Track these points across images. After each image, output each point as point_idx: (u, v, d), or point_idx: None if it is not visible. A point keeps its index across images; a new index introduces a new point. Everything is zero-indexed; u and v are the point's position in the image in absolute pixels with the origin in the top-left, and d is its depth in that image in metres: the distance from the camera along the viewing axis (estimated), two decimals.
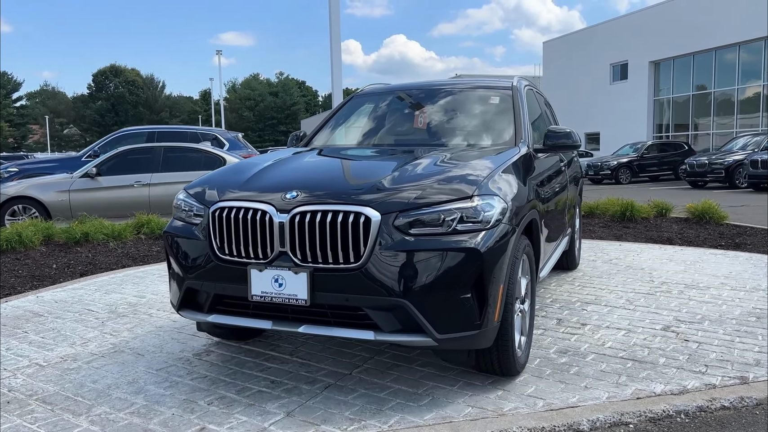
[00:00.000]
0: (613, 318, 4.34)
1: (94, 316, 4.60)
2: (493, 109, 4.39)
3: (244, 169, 3.48)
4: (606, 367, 3.40)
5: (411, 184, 2.95)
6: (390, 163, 3.37)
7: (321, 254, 2.80)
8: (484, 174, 3.07)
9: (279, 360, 3.56)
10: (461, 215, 2.80)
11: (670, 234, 8.04)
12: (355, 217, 2.77)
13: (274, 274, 2.86)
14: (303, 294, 2.81)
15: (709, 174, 19.67)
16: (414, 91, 4.83)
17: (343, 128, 4.72)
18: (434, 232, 2.77)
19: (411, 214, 2.79)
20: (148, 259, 6.98)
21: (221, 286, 3.02)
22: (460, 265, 2.73)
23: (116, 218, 8.85)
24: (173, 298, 3.31)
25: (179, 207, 3.36)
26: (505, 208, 2.96)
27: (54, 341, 4.01)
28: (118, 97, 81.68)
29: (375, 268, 2.73)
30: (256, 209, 2.92)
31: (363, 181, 3.02)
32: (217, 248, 3.02)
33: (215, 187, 3.24)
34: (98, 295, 5.28)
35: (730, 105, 28.35)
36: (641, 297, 4.91)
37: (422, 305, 2.72)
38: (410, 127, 4.49)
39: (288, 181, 3.13)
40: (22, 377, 3.39)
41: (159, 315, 4.61)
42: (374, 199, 2.83)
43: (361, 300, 2.76)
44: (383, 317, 2.77)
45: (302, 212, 2.84)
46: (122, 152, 10.01)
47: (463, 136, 4.21)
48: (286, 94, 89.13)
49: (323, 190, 2.95)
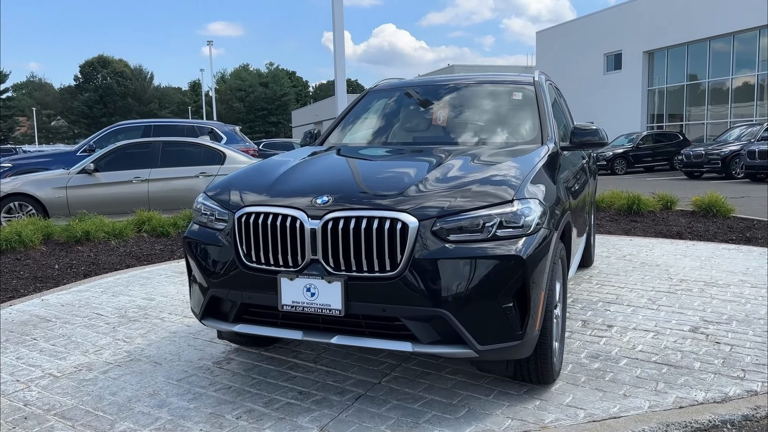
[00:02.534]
0: (638, 319, 4.25)
1: (104, 321, 4.46)
2: (515, 106, 4.27)
3: (267, 170, 3.35)
4: (641, 372, 3.31)
5: (447, 189, 2.83)
6: (420, 165, 3.25)
7: (355, 262, 2.68)
8: (520, 176, 2.96)
9: (303, 368, 3.44)
10: (501, 220, 2.69)
11: (679, 228, 7.98)
12: (392, 224, 2.65)
13: (306, 283, 2.73)
14: (337, 304, 2.69)
15: (705, 165, 19.69)
16: (431, 87, 4.70)
17: (359, 126, 4.58)
18: (474, 239, 2.66)
19: (449, 220, 2.67)
20: (152, 258, 6.82)
21: (248, 294, 2.89)
22: (502, 273, 2.62)
23: (115, 215, 8.68)
24: (195, 306, 3.18)
25: (199, 211, 3.22)
26: (545, 212, 2.84)
27: (66, 349, 3.87)
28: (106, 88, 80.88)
29: (413, 277, 2.61)
30: (285, 215, 2.79)
31: (396, 184, 2.90)
32: (243, 255, 2.89)
33: (239, 191, 3.10)
34: (105, 297, 5.14)
35: (724, 95, 28.38)
36: (662, 296, 4.83)
37: (463, 315, 2.61)
38: (429, 125, 4.36)
39: (317, 185, 3.00)
40: (37, 389, 3.25)
41: (171, 319, 4.47)
42: (410, 204, 2.71)
43: (399, 310, 2.64)
44: (421, 328, 2.66)
45: (335, 218, 2.71)
46: (120, 147, 9.80)
47: (485, 134, 4.08)
48: (277, 84, 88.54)
49: (356, 195, 2.83)
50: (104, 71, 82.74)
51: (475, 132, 4.12)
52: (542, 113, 4.04)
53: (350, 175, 3.20)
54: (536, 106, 4.12)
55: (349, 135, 4.48)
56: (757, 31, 25.91)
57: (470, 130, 4.16)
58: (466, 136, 4.09)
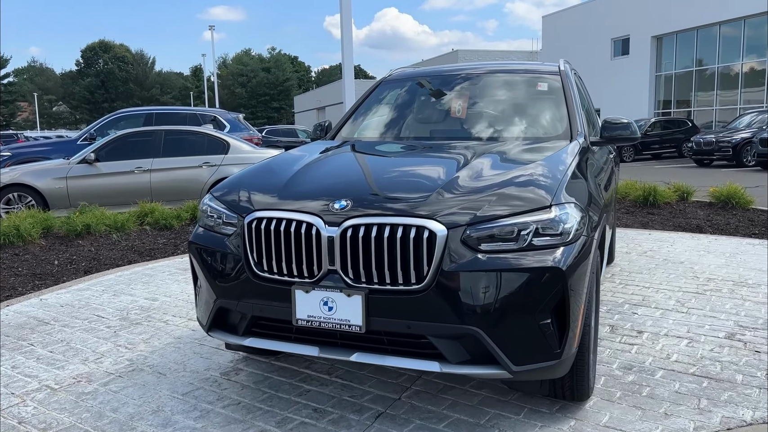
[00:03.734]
0: (668, 324, 4.02)
1: (105, 324, 4.24)
2: (540, 97, 4.00)
3: (277, 170, 3.10)
4: (680, 387, 3.08)
5: (476, 192, 2.58)
6: (445, 165, 3.00)
7: (377, 274, 2.44)
8: (556, 178, 2.71)
9: (317, 381, 3.22)
10: (537, 228, 2.44)
11: (698, 221, 7.72)
12: (418, 232, 2.40)
13: (323, 296, 2.50)
14: (357, 319, 2.46)
15: (716, 152, 19.33)
16: (448, 76, 4.43)
17: (371, 119, 4.32)
18: (507, 249, 2.41)
19: (481, 227, 2.42)
20: (154, 254, 6.60)
21: (259, 306, 2.66)
22: (540, 286, 2.38)
23: (117, 207, 8.45)
24: (201, 316, 2.95)
25: (205, 213, 2.98)
26: (584, 217, 2.60)
27: (64, 356, 3.66)
28: (107, 73, 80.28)
29: (441, 291, 2.38)
30: (300, 221, 2.55)
31: (420, 187, 2.65)
32: (254, 264, 2.66)
33: (248, 192, 2.85)
34: (107, 297, 4.92)
35: (733, 80, 27.94)
36: (691, 297, 4.59)
37: (496, 333, 2.37)
38: (447, 118, 4.10)
39: (334, 187, 2.75)
40: (33, 404, 3.03)
41: (175, 322, 4.25)
42: (437, 210, 2.46)
43: (425, 327, 2.41)
44: (450, 346, 2.42)
45: (355, 225, 2.47)
46: (121, 136, 9.55)
47: (508, 127, 3.83)
48: (279, 69, 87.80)
49: (377, 199, 2.58)
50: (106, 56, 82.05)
51: (497, 126, 3.86)
52: (570, 105, 3.78)
53: (369, 176, 2.95)
54: (563, 98, 3.86)
55: (361, 128, 4.23)
56: (767, 15, 25.40)
57: (492, 123, 3.90)
58: (487, 131, 3.83)
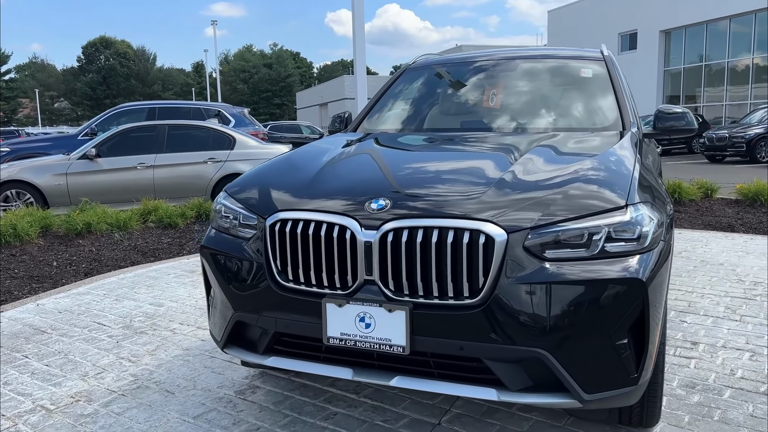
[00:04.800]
0: (723, 333, 3.66)
1: (107, 333, 3.89)
2: (584, 85, 3.64)
3: (301, 165, 2.75)
4: (755, 410, 2.73)
5: (536, 190, 2.22)
6: (493, 159, 2.64)
7: (423, 286, 2.09)
8: (625, 174, 2.35)
9: (344, 401, 2.87)
10: (610, 232, 2.08)
11: (728, 219, 7.36)
12: (472, 237, 2.05)
13: (360, 312, 2.15)
14: (400, 339, 2.10)
15: (729, 148, 18.96)
16: (477, 63, 4.07)
17: (396, 109, 3.96)
18: (577, 256, 2.06)
19: (545, 232, 2.07)
20: (158, 254, 6.25)
21: (284, 322, 2.31)
22: (617, 300, 2.02)
23: (118, 204, 8.11)
24: (216, 331, 2.60)
25: (219, 213, 2.63)
26: (661, 220, 2.24)
27: (62, 370, 3.31)
28: (109, 69, 79.84)
29: (499, 306, 2.02)
30: (332, 224, 2.20)
31: (471, 185, 2.29)
32: (277, 273, 2.30)
33: (269, 191, 2.50)
34: (108, 302, 4.57)
35: (743, 75, 27.52)
36: (741, 303, 4.23)
37: (565, 356, 2.02)
38: (481, 108, 3.73)
39: (368, 184, 2.40)
40: (26, 428, 2.69)
41: (183, 331, 3.90)
42: (494, 211, 2.11)
43: (481, 349, 2.05)
44: (509, 371, 2.07)
45: (396, 229, 2.11)
46: (123, 131, 9.20)
47: (550, 119, 3.46)
48: (281, 65, 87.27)
49: (420, 198, 2.23)
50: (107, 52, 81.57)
51: (538, 116, 3.50)
52: (619, 93, 3.43)
53: (409, 172, 2.58)
54: (610, 85, 3.50)
55: (386, 120, 3.86)
56: None
57: (532, 113, 3.53)
58: (527, 122, 3.46)
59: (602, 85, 3.53)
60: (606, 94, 3.46)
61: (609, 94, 3.45)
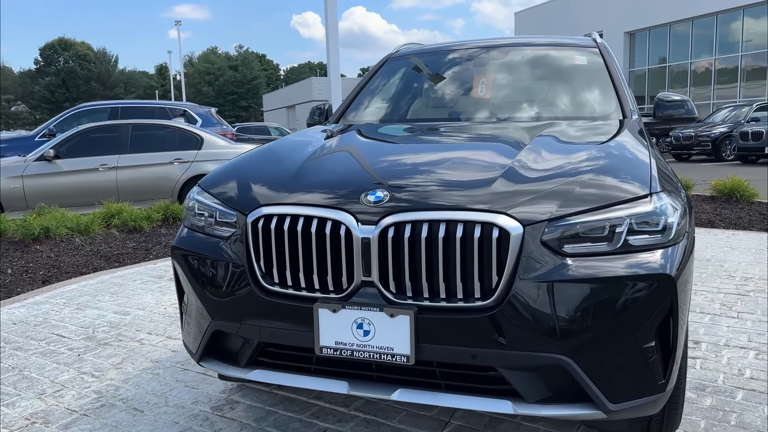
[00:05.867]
0: (724, 331, 3.52)
1: (67, 346, 3.56)
2: (579, 73, 3.46)
3: (282, 155, 2.49)
4: None
5: (548, 179, 2.00)
6: (497, 148, 2.43)
7: (428, 287, 1.86)
8: (644, 161, 2.16)
9: (333, 416, 2.61)
10: (632, 223, 1.88)
11: (707, 215, 7.32)
12: (484, 231, 1.82)
13: (357, 317, 1.90)
14: (403, 347, 1.87)
15: (695, 146, 19.23)
16: (465, 51, 3.86)
17: (380, 100, 3.73)
18: (599, 251, 1.85)
19: (563, 224, 1.85)
20: (123, 259, 5.89)
21: (269, 331, 2.05)
22: (644, 299, 1.82)
23: (80, 207, 7.69)
24: (190, 342, 2.32)
25: (193, 210, 2.35)
26: (685, 210, 2.05)
27: (15, 389, 2.98)
28: (68, 72, 77.68)
29: (516, 308, 1.80)
30: (323, 219, 1.95)
31: (478, 174, 2.07)
32: (260, 275, 2.04)
33: (249, 184, 2.24)
34: (68, 311, 4.22)
35: (706, 76, 28.09)
36: (736, 300, 4.12)
37: (589, 363, 1.81)
38: (469, 98, 3.53)
39: (362, 175, 2.16)
40: None
41: (152, 341, 3.59)
42: (507, 202, 1.88)
43: (496, 356, 1.83)
44: (526, 380, 1.85)
45: (398, 223, 1.87)
46: (83, 131, 8.75)
47: (545, 107, 3.27)
48: (247, 67, 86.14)
49: (423, 189, 1.99)
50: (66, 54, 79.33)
51: (534, 105, 3.31)
52: (617, 81, 3.26)
53: (407, 162, 2.35)
54: (607, 73, 3.33)
55: (370, 111, 3.62)
56: (740, 10, 25.56)
57: (527, 102, 3.34)
58: (522, 111, 3.26)
59: (598, 72, 3.36)
60: (603, 82, 3.29)
61: (606, 82, 3.28)
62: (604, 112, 3.10)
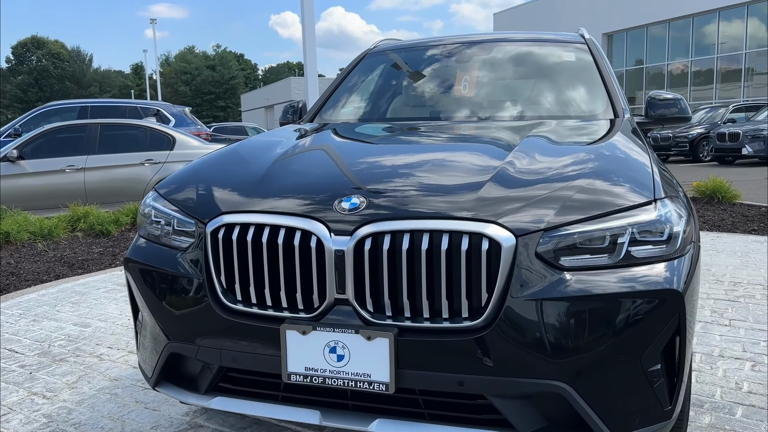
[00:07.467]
0: (717, 341, 3.38)
1: (19, 363, 3.29)
2: (567, 70, 3.30)
3: (247, 158, 2.27)
4: None
5: (540, 184, 1.81)
6: (484, 150, 2.24)
7: (410, 305, 1.66)
8: (644, 164, 1.98)
9: None
10: (634, 233, 1.70)
11: None
12: (472, 242, 1.62)
13: (330, 340, 1.69)
14: (382, 374, 1.66)
15: (673, 147, 19.33)
16: (447, 47, 3.67)
17: (358, 98, 3.52)
18: (598, 264, 1.66)
19: (560, 234, 1.66)
20: (88, 265, 5.59)
21: (231, 354, 1.83)
22: (650, 316, 1.64)
23: (44, 210, 7.36)
24: (146, 365, 2.09)
25: (148, 217, 2.13)
26: (689, 217, 1.88)
27: None
28: (41, 70, 76.14)
29: (508, 329, 1.60)
30: (292, 229, 1.73)
31: (463, 179, 1.87)
32: (221, 292, 1.82)
33: (210, 189, 2.01)
34: (24, 323, 3.94)
35: (683, 78, 28.36)
36: (726, 306, 3.98)
37: (590, 389, 1.62)
38: (451, 96, 3.34)
39: (335, 179, 1.95)
40: None
41: (112, 357, 3.34)
42: (497, 210, 1.69)
43: (486, 383, 1.63)
44: (519, 409, 1.66)
45: (376, 233, 1.67)
46: (49, 130, 8.41)
47: (535, 106, 3.10)
48: (224, 67, 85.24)
49: (403, 196, 1.79)
50: (39, 53, 77.77)
51: (520, 103, 3.14)
52: (607, 78, 3.09)
53: (386, 165, 2.14)
54: (596, 70, 3.17)
55: (347, 109, 3.42)
56: (716, 13, 25.84)
57: (513, 101, 3.16)
58: (508, 109, 3.08)
59: (588, 69, 3.19)
60: (593, 79, 3.12)
61: (596, 79, 3.11)
62: (596, 111, 2.93)
